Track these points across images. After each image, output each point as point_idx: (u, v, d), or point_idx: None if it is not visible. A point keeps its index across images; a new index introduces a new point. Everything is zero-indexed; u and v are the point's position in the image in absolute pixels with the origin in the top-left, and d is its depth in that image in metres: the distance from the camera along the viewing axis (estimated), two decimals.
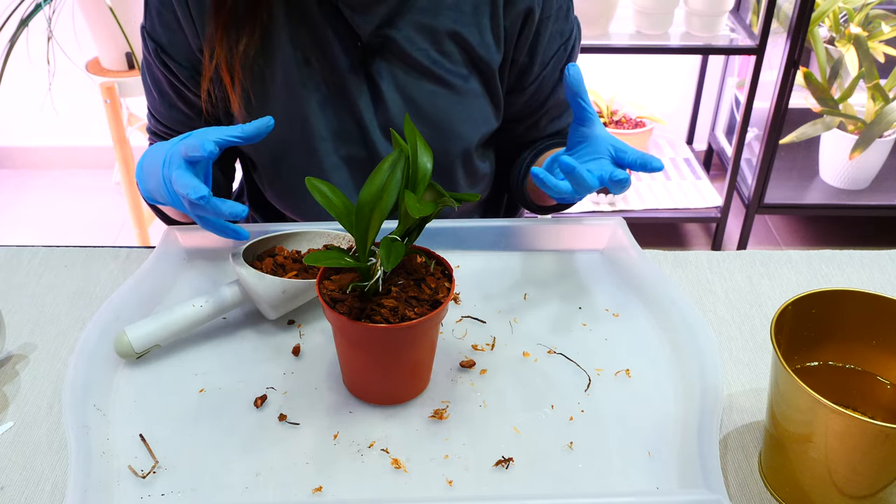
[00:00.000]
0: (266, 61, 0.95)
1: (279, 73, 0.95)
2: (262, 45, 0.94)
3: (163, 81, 0.99)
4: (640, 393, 0.78)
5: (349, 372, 0.78)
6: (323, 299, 0.72)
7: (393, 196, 0.69)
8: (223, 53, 0.93)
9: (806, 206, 2.40)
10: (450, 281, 0.75)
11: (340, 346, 0.76)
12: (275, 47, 0.94)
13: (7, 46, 1.93)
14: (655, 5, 2.10)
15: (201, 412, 0.76)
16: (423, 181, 0.72)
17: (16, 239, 2.52)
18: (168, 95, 1.00)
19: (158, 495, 0.68)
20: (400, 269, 0.76)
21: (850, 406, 0.67)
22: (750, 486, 0.71)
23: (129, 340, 0.80)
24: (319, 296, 0.72)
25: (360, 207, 0.70)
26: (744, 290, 0.94)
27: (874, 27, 2.22)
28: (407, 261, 0.77)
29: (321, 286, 0.74)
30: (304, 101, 0.97)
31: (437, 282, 0.75)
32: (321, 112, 0.98)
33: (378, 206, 0.69)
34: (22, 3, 1.93)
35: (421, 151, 0.72)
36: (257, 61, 0.95)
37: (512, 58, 1.00)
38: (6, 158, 2.87)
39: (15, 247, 1.01)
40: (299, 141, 0.99)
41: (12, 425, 0.76)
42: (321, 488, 0.69)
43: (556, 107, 1.06)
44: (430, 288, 0.74)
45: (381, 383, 0.76)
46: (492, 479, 0.70)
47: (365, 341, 0.73)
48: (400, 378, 0.76)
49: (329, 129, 0.99)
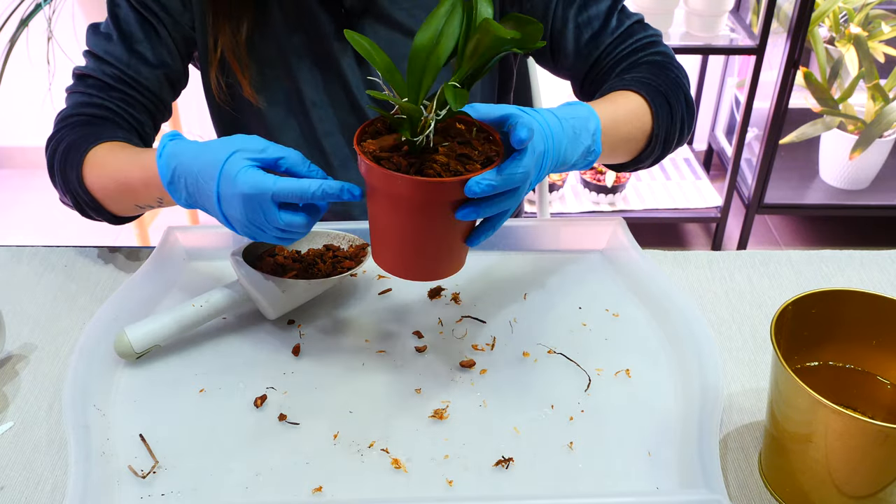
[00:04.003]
0: (261, 37, 0.97)
1: (273, 47, 0.97)
2: (257, 22, 0.96)
3: (132, 20, 0.95)
4: (640, 393, 0.78)
5: (387, 242, 0.72)
6: (365, 157, 0.66)
7: (451, 42, 0.66)
8: (226, 41, 0.94)
9: (806, 206, 2.40)
10: (496, 144, 0.71)
11: (381, 212, 0.70)
12: (267, 22, 0.96)
13: (7, 46, 1.93)
14: (655, 5, 2.10)
15: (201, 412, 0.76)
16: None
17: (16, 239, 2.52)
18: (132, 36, 0.95)
19: (158, 495, 0.68)
20: (443, 133, 0.71)
21: (850, 406, 0.67)
22: (750, 486, 0.71)
23: (129, 340, 0.80)
24: (361, 155, 0.67)
25: (414, 53, 0.66)
26: (744, 290, 0.94)
27: (874, 27, 2.22)
28: (450, 124, 0.72)
29: (361, 146, 0.68)
30: (296, 70, 0.98)
31: (483, 144, 0.71)
32: (311, 78, 0.99)
33: (435, 51, 0.65)
34: (22, 3, 1.93)
35: None
36: (255, 39, 0.96)
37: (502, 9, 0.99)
38: (6, 158, 2.87)
39: (15, 247, 1.01)
40: (295, 109, 1.00)
41: (12, 425, 0.76)
42: (321, 488, 0.69)
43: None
44: (478, 149, 0.70)
45: (424, 253, 0.71)
46: (492, 479, 0.70)
47: (419, 200, 0.67)
48: (444, 248, 0.71)
49: (319, 95, 1.00)
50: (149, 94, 0.97)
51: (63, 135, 0.93)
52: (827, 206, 2.39)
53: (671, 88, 0.91)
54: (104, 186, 0.88)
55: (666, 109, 0.89)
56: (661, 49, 0.97)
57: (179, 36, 0.97)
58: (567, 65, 1.00)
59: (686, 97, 0.93)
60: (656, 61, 0.95)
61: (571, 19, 0.97)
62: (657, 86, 0.90)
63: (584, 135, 0.77)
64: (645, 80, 0.90)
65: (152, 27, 0.95)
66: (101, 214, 0.92)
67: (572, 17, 0.97)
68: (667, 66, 0.95)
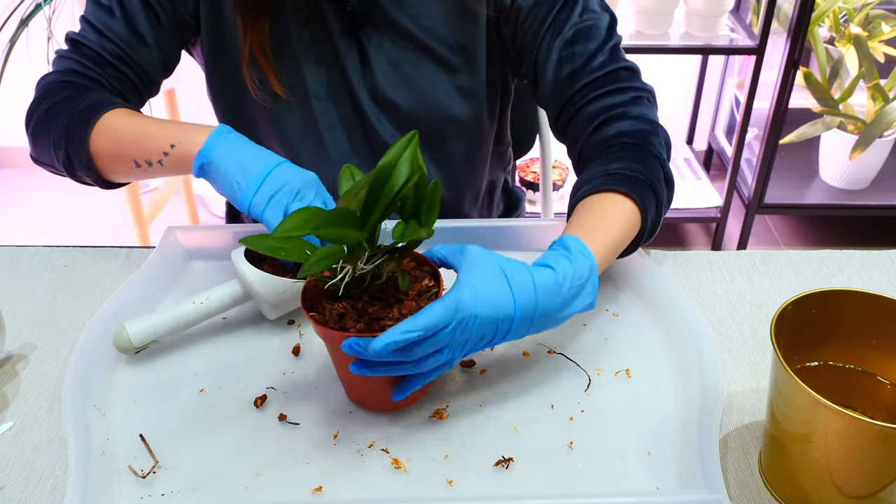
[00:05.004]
0: (274, 31, 0.98)
1: (283, 40, 0.99)
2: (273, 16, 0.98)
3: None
4: (640, 393, 0.78)
5: (357, 386, 0.75)
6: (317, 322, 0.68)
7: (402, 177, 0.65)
8: (255, 37, 0.96)
9: (806, 206, 2.40)
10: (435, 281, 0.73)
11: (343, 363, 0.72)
12: (278, 16, 0.98)
13: (7, 46, 1.93)
14: (655, 5, 2.10)
15: (201, 412, 0.76)
16: None
17: (16, 239, 2.52)
18: (134, 16, 0.96)
19: (158, 495, 0.68)
20: None
21: (850, 406, 0.67)
22: (750, 486, 0.71)
23: (127, 335, 0.80)
24: (314, 322, 0.68)
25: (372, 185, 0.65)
26: (744, 290, 0.94)
27: (874, 27, 2.22)
28: None
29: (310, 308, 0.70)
30: (302, 63, 1.00)
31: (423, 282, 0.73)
32: (316, 73, 1.01)
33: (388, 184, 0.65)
34: (22, 3, 1.93)
35: None
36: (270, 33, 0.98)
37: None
38: (6, 158, 2.87)
39: (15, 247, 1.01)
40: (299, 99, 1.01)
41: (12, 425, 0.76)
42: (321, 488, 0.69)
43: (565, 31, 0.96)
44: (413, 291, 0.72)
45: (366, 390, 0.75)
46: (492, 479, 0.70)
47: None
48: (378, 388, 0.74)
49: (323, 89, 1.02)
50: (142, 75, 0.99)
51: (60, 95, 0.93)
52: (827, 206, 2.40)
53: (653, 173, 0.85)
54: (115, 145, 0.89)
55: (653, 203, 0.85)
56: (638, 111, 0.92)
57: (178, 22, 0.99)
58: (544, 95, 0.98)
59: (665, 172, 0.88)
60: (635, 132, 0.89)
61: (556, 51, 0.95)
62: (644, 178, 0.84)
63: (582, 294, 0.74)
64: (630, 174, 0.84)
65: (152, 9, 0.96)
66: (90, 174, 0.92)
67: (556, 48, 0.95)
68: (644, 137, 0.89)
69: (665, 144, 0.91)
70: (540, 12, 0.96)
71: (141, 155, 0.88)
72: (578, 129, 0.95)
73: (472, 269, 0.69)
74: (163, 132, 0.87)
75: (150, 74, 1.00)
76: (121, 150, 0.89)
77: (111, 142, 0.89)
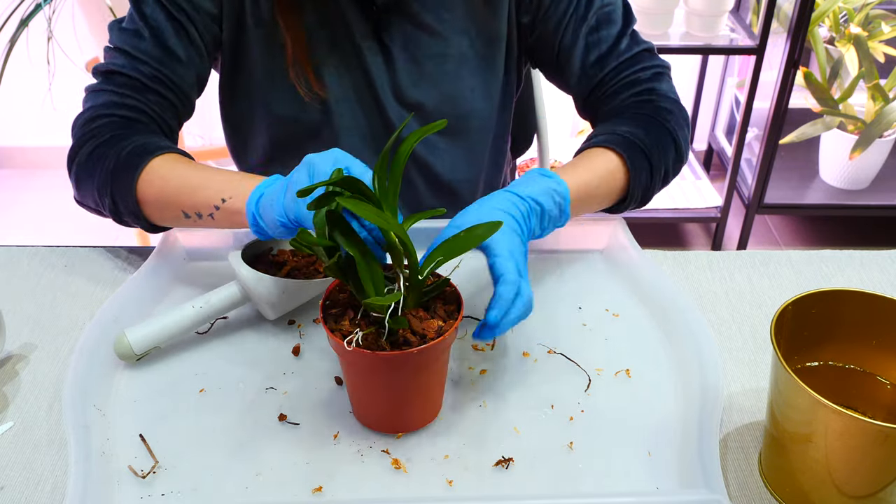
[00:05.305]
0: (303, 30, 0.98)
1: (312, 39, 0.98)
2: None
3: (160, 17, 0.93)
4: (640, 393, 0.78)
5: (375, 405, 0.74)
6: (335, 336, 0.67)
7: None
8: (296, 41, 0.96)
9: (806, 206, 2.40)
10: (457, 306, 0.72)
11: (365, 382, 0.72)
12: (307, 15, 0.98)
13: (7, 46, 1.93)
14: (655, 5, 2.10)
15: (201, 412, 0.76)
16: None
17: (16, 239, 2.52)
18: (163, 34, 0.93)
19: (158, 495, 0.68)
20: None
21: (850, 406, 0.67)
22: (750, 486, 0.71)
23: (129, 342, 0.80)
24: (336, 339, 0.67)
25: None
26: (744, 290, 0.94)
27: (874, 27, 2.22)
28: None
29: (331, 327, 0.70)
30: (323, 62, 0.99)
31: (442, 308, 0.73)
32: (336, 73, 1.00)
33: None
34: (22, 3, 1.93)
35: None
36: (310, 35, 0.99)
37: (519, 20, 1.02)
38: (6, 158, 2.87)
39: (15, 247, 1.01)
40: (317, 100, 1.01)
41: (12, 425, 0.76)
42: (321, 488, 0.69)
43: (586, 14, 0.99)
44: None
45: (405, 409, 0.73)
46: (492, 479, 0.70)
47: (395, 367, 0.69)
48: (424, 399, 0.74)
49: (343, 90, 1.01)
50: (181, 95, 0.96)
51: (103, 136, 0.90)
52: (827, 206, 2.39)
53: (658, 144, 0.92)
54: (163, 193, 0.86)
55: (646, 170, 0.91)
56: (662, 88, 0.98)
57: (209, 36, 0.97)
58: (572, 82, 1.01)
59: (676, 145, 0.95)
60: (654, 106, 0.96)
61: (582, 38, 0.98)
62: (643, 145, 0.90)
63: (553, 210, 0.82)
64: (630, 138, 0.90)
65: (181, 25, 0.94)
66: (138, 221, 0.90)
67: (583, 35, 0.98)
68: (662, 112, 0.95)
69: (684, 121, 0.97)
70: (563, 1, 0.98)
71: (189, 206, 0.85)
72: (606, 107, 0.99)
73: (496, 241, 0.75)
74: (213, 184, 0.84)
75: (186, 93, 0.97)
76: (169, 199, 0.86)
77: (158, 190, 0.86)
